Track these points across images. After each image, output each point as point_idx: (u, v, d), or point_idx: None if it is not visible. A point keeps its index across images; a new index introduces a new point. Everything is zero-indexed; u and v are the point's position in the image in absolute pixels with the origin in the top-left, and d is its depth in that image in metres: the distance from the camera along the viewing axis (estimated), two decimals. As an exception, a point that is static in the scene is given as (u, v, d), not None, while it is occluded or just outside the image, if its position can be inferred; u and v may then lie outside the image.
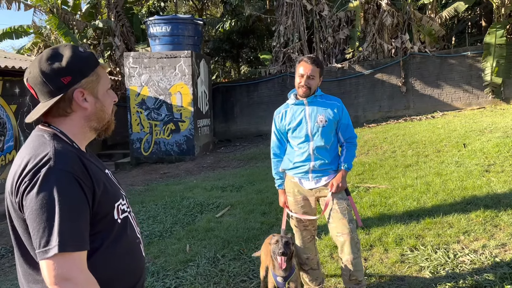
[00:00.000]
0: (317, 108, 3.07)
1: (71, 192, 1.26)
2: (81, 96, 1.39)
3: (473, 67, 12.57)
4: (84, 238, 1.28)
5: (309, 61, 3.02)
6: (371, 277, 3.57)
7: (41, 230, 1.22)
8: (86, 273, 1.27)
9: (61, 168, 1.27)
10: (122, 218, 1.45)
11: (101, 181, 1.38)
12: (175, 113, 11.45)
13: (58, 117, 1.41)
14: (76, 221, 1.26)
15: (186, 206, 6.29)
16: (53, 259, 1.21)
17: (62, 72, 1.36)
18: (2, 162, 9.04)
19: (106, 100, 1.47)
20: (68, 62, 1.36)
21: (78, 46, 1.44)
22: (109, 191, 1.41)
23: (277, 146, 3.28)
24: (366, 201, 5.43)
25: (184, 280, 3.79)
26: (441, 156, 7.38)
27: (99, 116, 1.45)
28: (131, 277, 1.48)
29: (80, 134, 1.44)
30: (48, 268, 1.22)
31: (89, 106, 1.42)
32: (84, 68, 1.40)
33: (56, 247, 1.20)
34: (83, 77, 1.39)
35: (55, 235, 1.21)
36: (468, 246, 3.93)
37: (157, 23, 11.76)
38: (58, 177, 1.25)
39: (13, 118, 9.39)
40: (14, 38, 15.74)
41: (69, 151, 1.34)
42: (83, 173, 1.32)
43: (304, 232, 3.24)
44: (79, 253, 1.25)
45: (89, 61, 1.42)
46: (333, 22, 13.62)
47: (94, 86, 1.42)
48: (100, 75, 1.44)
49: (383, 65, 13.00)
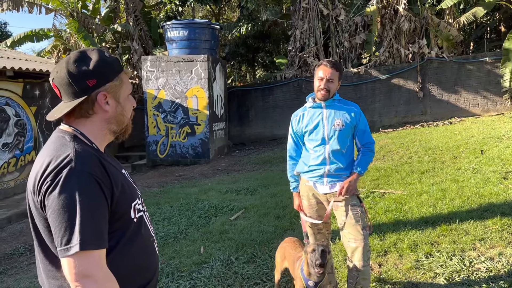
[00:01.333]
0: (334, 111, 3.07)
1: (91, 193, 1.31)
2: (104, 99, 1.45)
3: (492, 73, 12.40)
4: (103, 237, 1.32)
5: (328, 65, 3.03)
6: (385, 283, 3.56)
7: (62, 229, 1.27)
8: (106, 270, 1.31)
9: (82, 169, 1.32)
10: (138, 217, 1.50)
11: (119, 182, 1.43)
12: (191, 116, 11.55)
13: (79, 118, 1.46)
14: (96, 220, 1.31)
15: (201, 208, 6.34)
16: (74, 257, 1.26)
17: (88, 75, 1.41)
18: (22, 162, 9.24)
19: (127, 104, 1.53)
20: (95, 65, 1.42)
21: (104, 51, 1.50)
22: (127, 191, 1.46)
23: (293, 149, 3.29)
24: (381, 207, 5.40)
25: (198, 282, 3.83)
26: (458, 163, 7.30)
27: (119, 119, 1.51)
28: (146, 274, 1.52)
29: (99, 136, 1.49)
30: (69, 265, 1.27)
31: (110, 109, 1.47)
32: (109, 72, 1.45)
33: (77, 245, 1.25)
34: (107, 81, 1.44)
35: (76, 234, 1.26)
36: (484, 254, 3.88)
37: (174, 27, 11.91)
38: (79, 178, 1.30)
39: (33, 120, 9.60)
40: (34, 41, 16.08)
41: (89, 153, 1.38)
42: (103, 174, 1.36)
43: (318, 236, 3.25)
44: (98, 251, 1.30)
45: (114, 66, 1.48)
46: (350, 26, 13.61)
47: (117, 90, 1.48)
48: (123, 81, 1.50)
49: (400, 70, 12.92)
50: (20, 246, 5.83)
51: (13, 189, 8.92)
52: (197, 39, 11.91)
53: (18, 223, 7.16)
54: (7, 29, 28.68)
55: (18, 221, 7.27)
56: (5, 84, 8.82)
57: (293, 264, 3.07)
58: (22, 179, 9.19)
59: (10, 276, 4.85)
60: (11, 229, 6.83)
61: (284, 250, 3.30)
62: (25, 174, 9.28)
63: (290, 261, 3.14)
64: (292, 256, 3.15)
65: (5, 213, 7.40)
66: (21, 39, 15.71)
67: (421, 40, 12.79)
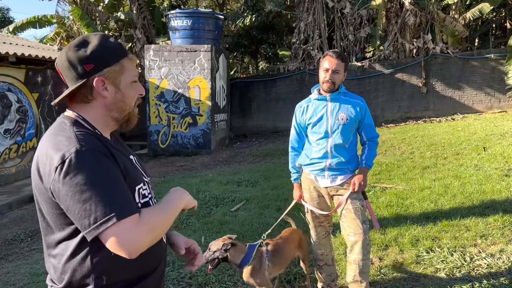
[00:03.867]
0: (339, 105, 3.05)
1: (102, 166, 1.30)
2: (102, 84, 1.41)
3: (496, 70, 12.34)
4: (129, 203, 1.30)
5: (334, 55, 3.00)
6: (386, 276, 3.56)
7: (87, 210, 1.23)
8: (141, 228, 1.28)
9: (86, 148, 1.30)
10: (143, 203, 1.48)
11: (122, 163, 1.41)
12: (193, 106, 11.52)
13: (80, 103, 1.45)
14: (117, 189, 1.29)
15: (202, 199, 6.34)
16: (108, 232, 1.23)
17: (85, 60, 1.39)
18: (23, 149, 9.24)
19: (129, 92, 1.48)
20: (93, 50, 1.40)
21: (108, 36, 1.46)
22: (130, 174, 1.43)
23: (295, 140, 3.27)
24: (382, 201, 5.40)
25: (198, 271, 3.83)
26: (460, 159, 7.29)
27: (119, 106, 1.47)
28: (150, 263, 1.50)
29: (101, 122, 1.46)
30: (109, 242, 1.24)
31: (109, 95, 1.44)
32: (108, 57, 1.42)
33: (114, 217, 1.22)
34: (105, 66, 1.41)
35: (101, 209, 1.22)
36: (485, 250, 3.88)
37: (178, 16, 11.83)
38: (86, 156, 1.28)
39: (34, 106, 9.58)
40: (37, 27, 16.01)
41: (88, 134, 1.37)
42: (108, 152, 1.36)
43: (319, 228, 3.25)
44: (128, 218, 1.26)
45: (115, 51, 1.44)
46: (355, 20, 13.51)
47: (116, 76, 1.43)
48: (124, 67, 1.45)
49: (404, 65, 12.86)
50: (21, 232, 5.85)
51: (14, 175, 8.92)
52: (201, 29, 11.84)
53: (19, 209, 7.17)
54: (10, 15, 28.56)
55: (19, 207, 7.28)
56: (8, 70, 8.78)
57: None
58: (23, 166, 9.19)
59: (11, 261, 4.86)
60: (12, 215, 6.85)
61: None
62: (27, 161, 9.29)
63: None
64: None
65: (6, 199, 7.41)
66: (24, 25, 15.64)
67: (426, 35, 12.71)
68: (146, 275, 1.47)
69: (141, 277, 1.46)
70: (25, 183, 8.71)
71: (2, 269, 4.62)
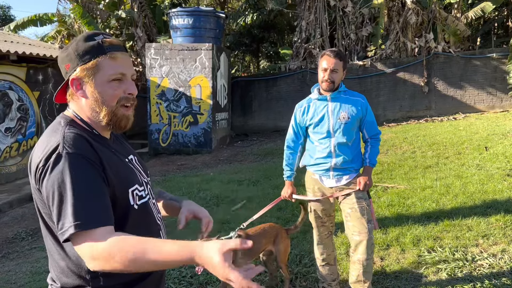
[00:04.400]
0: (340, 104, 3.03)
1: (82, 172, 1.28)
2: (78, 84, 1.40)
3: (498, 69, 12.31)
4: (102, 214, 1.26)
5: (332, 55, 2.97)
6: (387, 276, 3.55)
7: (58, 213, 1.25)
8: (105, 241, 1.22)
9: (69, 151, 1.29)
10: (140, 205, 1.45)
11: (113, 165, 1.38)
12: (194, 105, 11.50)
13: (73, 102, 1.46)
14: (91, 198, 1.27)
15: (203, 198, 6.34)
16: (74, 239, 1.23)
17: (65, 60, 1.41)
18: (24, 147, 9.23)
19: (106, 90, 1.40)
20: (69, 50, 1.41)
21: (93, 34, 1.43)
22: (122, 176, 1.40)
23: (292, 139, 3.25)
24: (384, 201, 5.39)
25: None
26: (462, 159, 7.27)
27: (94, 106, 1.42)
28: None
29: (92, 121, 1.44)
30: (76, 248, 1.25)
31: (87, 95, 1.41)
32: (82, 56, 1.39)
33: (72, 227, 1.21)
34: (77, 65, 1.39)
35: (70, 216, 1.22)
36: (486, 250, 3.87)
37: (179, 15, 11.81)
38: (67, 160, 1.27)
39: (35, 105, 9.57)
40: (38, 26, 16.02)
41: (77, 136, 1.35)
42: (94, 156, 1.33)
43: (322, 228, 3.23)
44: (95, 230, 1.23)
45: (90, 50, 1.39)
46: (356, 18, 13.47)
47: (90, 75, 1.39)
48: (100, 65, 1.39)
49: (406, 64, 12.83)
50: (22, 231, 5.84)
51: (15, 174, 8.92)
52: (202, 28, 11.81)
53: (20, 208, 7.17)
54: (11, 13, 28.56)
55: (19, 205, 7.28)
56: (9, 68, 8.77)
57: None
58: (24, 164, 9.19)
59: (12, 260, 4.86)
60: (13, 214, 6.85)
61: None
62: (27, 159, 9.23)
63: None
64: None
65: (7, 198, 7.41)
66: (25, 23, 15.64)
67: (428, 34, 12.67)
68: (143, 277, 1.45)
69: (138, 280, 1.44)
70: (26, 181, 8.70)
71: (3, 267, 4.62)
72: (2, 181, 8.56)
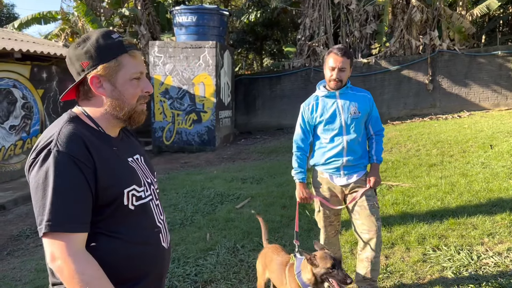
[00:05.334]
0: (349, 100, 3.02)
1: (66, 174, 1.27)
2: (98, 82, 1.39)
3: (503, 67, 12.24)
4: (79, 220, 1.28)
5: (339, 53, 2.93)
6: (392, 275, 3.53)
7: (37, 209, 1.27)
8: (74, 253, 1.26)
9: (60, 149, 1.28)
10: (137, 206, 1.42)
11: (109, 166, 1.37)
12: (198, 103, 11.50)
13: (84, 100, 1.44)
14: (70, 202, 1.27)
15: (207, 196, 6.34)
16: (46, 238, 1.26)
17: (82, 57, 1.38)
18: (28, 145, 9.26)
19: (127, 89, 1.42)
20: (88, 47, 1.38)
21: (110, 32, 1.42)
22: (118, 177, 1.39)
23: (301, 139, 3.16)
24: (388, 199, 5.37)
25: (204, 268, 3.82)
26: (466, 157, 7.23)
27: (115, 104, 1.42)
28: (143, 266, 1.44)
29: (103, 119, 1.44)
30: (44, 245, 1.28)
31: (106, 93, 1.41)
32: (104, 54, 1.38)
33: (44, 227, 1.24)
34: (99, 63, 1.38)
35: (46, 214, 1.24)
36: (492, 249, 3.85)
37: (183, 12, 11.80)
38: (55, 159, 1.27)
39: (39, 103, 9.60)
40: (42, 24, 16.05)
41: (74, 134, 1.33)
42: (84, 156, 1.31)
43: (329, 228, 3.21)
44: (70, 235, 1.26)
45: (112, 47, 1.39)
46: (361, 16, 13.42)
47: (112, 73, 1.39)
48: (122, 63, 1.40)
49: (410, 61, 12.77)
50: (27, 228, 5.86)
51: (19, 171, 8.95)
52: (206, 25, 11.80)
53: (24, 205, 7.19)
54: (15, 11, 28.64)
55: (24, 203, 7.30)
56: (13, 66, 8.79)
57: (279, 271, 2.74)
58: (29, 162, 9.22)
59: (17, 257, 4.88)
60: (18, 211, 6.87)
61: (265, 258, 2.96)
62: (32, 157, 9.31)
63: (274, 269, 2.79)
64: (275, 263, 2.81)
65: (11, 195, 7.43)
66: (29, 21, 15.67)
67: (433, 31, 12.60)
68: (142, 277, 1.44)
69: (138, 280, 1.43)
70: (31, 179, 8.73)
71: (8, 264, 4.64)
72: (6, 179, 8.59)
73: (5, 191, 7.77)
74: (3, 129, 8.59)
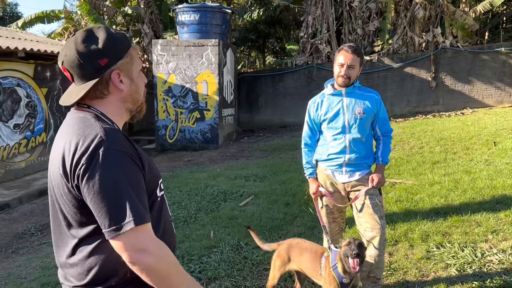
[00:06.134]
0: (355, 99, 3.01)
1: (130, 169, 1.30)
2: (118, 77, 1.40)
3: (507, 63, 12.19)
4: (148, 210, 1.32)
5: (349, 50, 2.94)
6: (396, 272, 3.54)
7: (109, 210, 1.24)
8: (156, 239, 1.31)
9: (116, 148, 1.29)
10: (161, 196, 1.49)
11: (146, 159, 1.41)
12: (201, 101, 11.52)
13: (95, 99, 1.41)
14: (140, 196, 1.30)
15: (210, 193, 6.35)
16: (128, 234, 1.24)
17: (99, 54, 1.36)
18: (33, 143, 9.30)
19: (140, 81, 1.49)
20: (104, 44, 1.37)
21: (110, 28, 1.45)
22: (153, 169, 1.45)
23: (308, 136, 3.20)
24: (391, 196, 5.37)
25: (208, 266, 3.84)
26: (470, 154, 7.22)
27: (134, 97, 1.47)
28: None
29: (117, 115, 1.45)
30: (123, 244, 1.24)
31: (125, 87, 1.43)
32: (119, 49, 1.40)
33: (132, 221, 1.23)
34: (119, 59, 1.39)
35: (128, 211, 1.24)
36: (496, 246, 3.85)
37: (185, 11, 11.81)
38: (116, 156, 1.28)
39: (43, 101, 9.63)
40: (45, 23, 16.10)
41: (116, 131, 1.36)
42: (133, 151, 1.35)
43: (333, 224, 3.22)
44: (148, 225, 1.29)
45: (123, 42, 1.43)
46: (363, 13, 13.39)
47: (128, 67, 1.43)
48: (133, 57, 1.45)
49: (413, 59, 12.74)
50: (31, 226, 5.90)
51: (23, 170, 8.99)
52: (208, 23, 11.80)
53: (29, 204, 7.23)
54: (18, 10, 28.70)
55: (28, 201, 7.34)
56: (17, 65, 8.82)
57: (313, 261, 2.82)
58: (33, 160, 9.26)
59: (22, 255, 4.91)
60: (22, 209, 6.91)
61: (289, 251, 2.97)
62: (36, 155, 9.35)
63: (307, 259, 2.86)
64: (308, 253, 2.88)
65: (16, 194, 7.47)
66: (32, 20, 15.72)
67: (436, 28, 12.57)
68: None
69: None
70: (35, 177, 8.77)
71: (13, 262, 4.67)
72: (11, 177, 8.63)
73: (9, 189, 7.82)
74: (8, 127, 8.63)
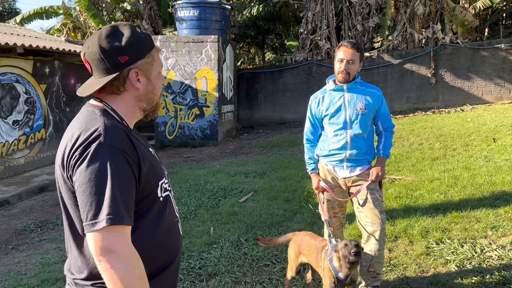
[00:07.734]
0: (356, 95, 3.02)
1: (120, 168, 1.29)
2: (135, 76, 1.42)
3: (506, 60, 12.19)
4: (130, 214, 1.30)
5: (349, 45, 2.96)
6: (396, 268, 3.55)
7: (89, 203, 1.25)
8: (130, 246, 1.29)
9: (111, 143, 1.30)
10: (164, 197, 1.48)
11: (147, 159, 1.40)
12: (200, 98, 11.50)
13: (110, 94, 1.44)
14: (125, 196, 1.29)
15: (210, 190, 6.35)
16: (101, 231, 1.24)
17: (120, 51, 1.38)
18: (32, 140, 9.29)
19: (157, 82, 1.50)
20: (127, 42, 1.39)
21: (136, 27, 1.46)
22: (154, 169, 1.44)
23: (310, 132, 3.22)
24: (391, 193, 5.37)
25: (208, 262, 3.84)
26: (469, 150, 7.22)
27: (149, 97, 1.48)
28: (169, 254, 1.51)
29: (129, 113, 1.47)
30: (95, 240, 1.25)
31: (141, 87, 1.44)
32: (141, 49, 1.42)
33: (105, 220, 1.23)
34: (139, 58, 1.41)
35: (105, 208, 1.24)
36: (495, 242, 3.85)
37: (185, 6, 11.77)
38: (108, 152, 1.28)
39: (42, 98, 9.61)
40: (44, 19, 16.05)
41: (118, 128, 1.36)
42: (131, 150, 1.34)
43: (334, 219, 3.23)
44: (124, 227, 1.28)
45: (146, 42, 1.44)
46: (363, 9, 13.37)
47: (148, 68, 1.44)
48: (154, 58, 1.46)
49: (413, 55, 12.73)
50: (31, 223, 5.89)
51: (23, 166, 8.98)
52: (208, 19, 11.77)
53: (28, 200, 7.23)
54: (16, 6, 28.62)
55: (28, 198, 7.34)
56: (16, 61, 8.80)
57: (317, 254, 2.90)
58: (32, 157, 9.25)
59: (22, 251, 4.91)
60: (22, 206, 6.90)
61: (299, 244, 3.06)
62: (35, 152, 9.34)
63: (312, 252, 2.95)
64: (313, 247, 2.96)
65: (15, 190, 7.47)
66: (31, 16, 15.66)
67: (436, 25, 12.55)
68: (167, 266, 1.49)
69: (163, 268, 1.47)
70: (34, 174, 8.77)
71: (13, 258, 4.67)
72: (10, 174, 8.63)
73: (9, 185, 7.81)
74: (7, 124, 8.61)
